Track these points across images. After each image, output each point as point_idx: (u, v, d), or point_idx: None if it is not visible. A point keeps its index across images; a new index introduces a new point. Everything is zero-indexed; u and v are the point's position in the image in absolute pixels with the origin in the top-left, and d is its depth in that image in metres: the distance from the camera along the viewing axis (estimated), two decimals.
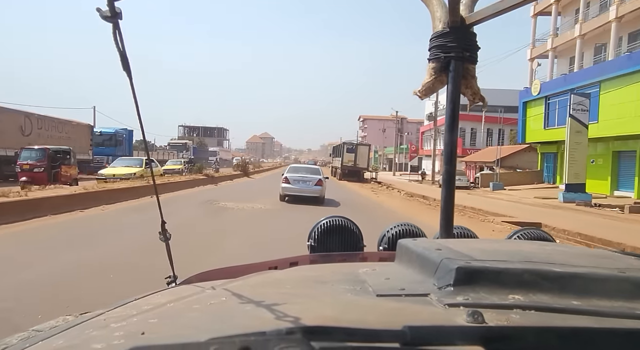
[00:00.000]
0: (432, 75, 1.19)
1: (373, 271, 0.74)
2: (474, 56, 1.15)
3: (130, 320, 0.63)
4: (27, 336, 0.70)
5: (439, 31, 1.17)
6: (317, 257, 1.35)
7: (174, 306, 0.71)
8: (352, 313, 0.53)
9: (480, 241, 1.06)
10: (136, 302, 0.80)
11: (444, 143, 1.17)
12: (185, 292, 0.81)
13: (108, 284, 4.45)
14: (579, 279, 0.58)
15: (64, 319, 0.81)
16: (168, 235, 1.14)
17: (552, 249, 0.82)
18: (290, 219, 10.25)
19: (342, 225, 1.52)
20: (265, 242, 7.22)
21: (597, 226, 10.49)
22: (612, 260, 0.72)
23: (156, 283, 1.20)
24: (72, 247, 6.47)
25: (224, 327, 0.50)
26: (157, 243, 1.13)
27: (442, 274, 0.60)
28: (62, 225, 8.41)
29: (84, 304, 2.82)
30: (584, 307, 0.53)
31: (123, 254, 6.00)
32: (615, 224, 11.52)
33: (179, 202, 12.61)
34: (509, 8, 1.00)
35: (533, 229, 1.43)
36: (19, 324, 1.41)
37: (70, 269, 5.13)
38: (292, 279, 0.82)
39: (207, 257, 5.82)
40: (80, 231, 8.01)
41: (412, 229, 1.53)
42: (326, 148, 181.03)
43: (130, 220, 9.22)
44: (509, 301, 0.54)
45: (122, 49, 0.74)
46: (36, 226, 8.16)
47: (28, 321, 1.84)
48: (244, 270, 1.04)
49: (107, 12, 0.69)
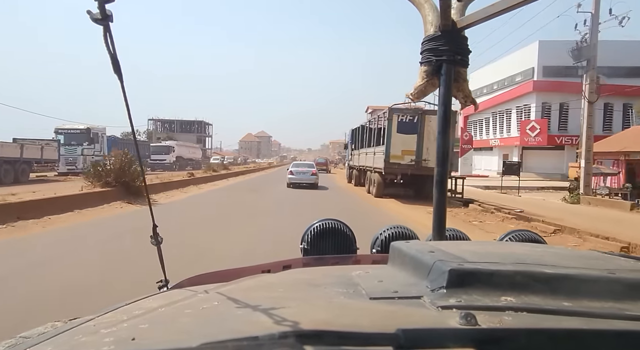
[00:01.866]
0: (424, 78, 1.21)
1: (366, 274, 0.74)
2: (465, 59, 1.17)
3: (120, 326, 0.63)
4: (15, 343, 0.69)
5: (430, 35, 1.18)
6: (310, 260, 1.35)
7: (165, 311, 0.70)
8: (345, 316, 0.53)
9: (473, 243, 1.07)
10: (127, 307, 0.79)
11: (437, 145, 1.19)
12: (177, 297, 0.80)
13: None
14: (570, 280, 0.58)
15: (52, 325, 0.79)
16: (160, 239, 1.13)
17: (543, 250, 0.83)
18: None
19: (335, 228, 1.51)
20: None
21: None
22: (602, 262, 0.73)
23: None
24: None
25: (216, 332, 0.50)
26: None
27: (435, 276, 0.60)
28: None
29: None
30: (575, 308, 0.53)
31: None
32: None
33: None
34: (499, 12, 1.01)
35: (524, 231, 1.45)
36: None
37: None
38: (285, 282, 0.81)
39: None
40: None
41: (404, 232, 1.53)
42: (327, 147, 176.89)
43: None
44: (502, 303, 0.54)
45: (112, 51, 0.73)
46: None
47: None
48: (237, 274, 1.04)
49: (98, 14, 0.69)
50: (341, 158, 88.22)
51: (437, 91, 1.21)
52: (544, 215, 10.79)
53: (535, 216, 10.64)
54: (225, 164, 47.17)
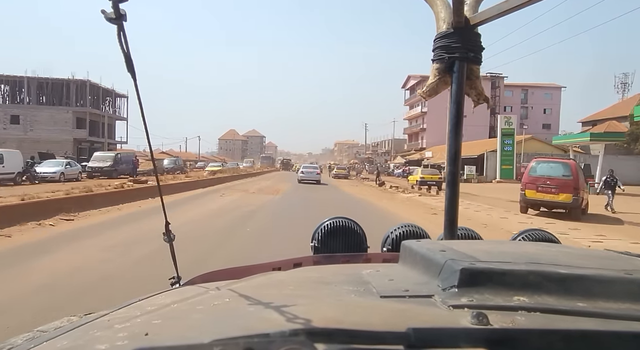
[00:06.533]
0: (436, 75, 1.20)
1: (377, 272, 0.74)
2: (478, 57, 1.16)
3: (134, 321, 0.64)
4: (32, 337, 0.71)
5: (443, 32, 1.17)
6: (321, 258, 1.35)
7: (177, 307, 0.71)
8: (355, 314, 0.53)
9: (485, 242, 1.06)
10: (140, 303, 0.80)
11: (447, 144, 1.18)
12: (189, 293, 0.81)
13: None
14: (585, 281, 0.57)
15: (68, 319, 0.81)
16: (172, 236, 1.15)
17: (557, 250, 0.81)
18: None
19: (345, 226, 1.51)
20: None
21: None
22: (619, 262, 0.71)
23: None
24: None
25: (227, 329, 0.50)
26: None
27: (446, 275, 0.60)
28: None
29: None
30: (589, 309, 0.53)
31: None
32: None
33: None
34: (513, 8, 1.00)
35: (538, 230, 1.43)
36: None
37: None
38: (295, 280, 0.82)
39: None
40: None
41: (415, 230, 1.52)
42: (330, 151, 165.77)
43: None
44: (514, 303, 0.54)
45: (126, 50, 0.74)
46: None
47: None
48: (248, 271, 1.05)
49: (112, 14, 0.70)
50: (362, 164, 72.77)
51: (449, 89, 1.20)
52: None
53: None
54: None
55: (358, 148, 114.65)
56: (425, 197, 20.61)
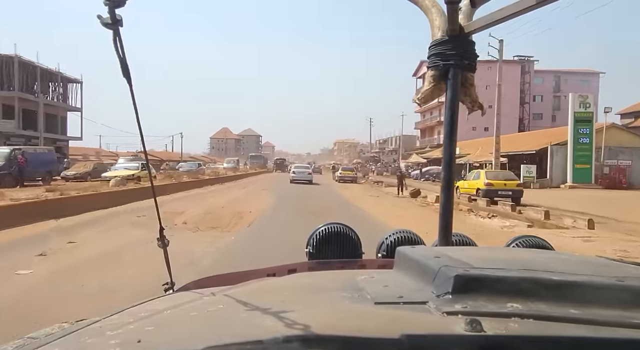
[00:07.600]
0: (431, 82, 1.21)
1: (371, 279, 0.74)
2: (472, 64, 1.17)
3: (126, 328, 0.63)
4: (22, 344, 0.70)
5: (437, 39, 1.18)
6: (316, 264, 1.34)
7: (171, 313, 0.71)
8: (350, 321, 0.53)
9: (479, 249, 1.06)
10: (133, 309, 0.80)
11: (443, 149, 1.18)
12: (183, 299, 0.80)
13: None
14: (578, 287, 0.57)
15: (59, 326, 0.80)
16: (166, 241, 1.14)
17: (550, 256, 0.82)
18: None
19: (340, 232, 1.51)
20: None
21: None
22: (611, 269, 0.72)
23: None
24: None
25: (221, 335, 0.50)
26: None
27: (440, 281, 0.60)
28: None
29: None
30: (582, 316, 0.53)
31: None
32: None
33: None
34: (507, 17, 1.01)
35: (532, 237, 1.43)
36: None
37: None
38: (290, 286, 0.82)
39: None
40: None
41: (410, 236, 1.52)
42: (329, 151, 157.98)
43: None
44: (508, 309, 0.54)
45: (122, 55, 0.75)
46: None
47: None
48: (242, 277, 1.04)
49: (108, 19, 0.70)
50: (367, 164, 65.10)
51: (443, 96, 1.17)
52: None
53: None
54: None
55: (361, 146, 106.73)
56: (521, 221, 11.13)
